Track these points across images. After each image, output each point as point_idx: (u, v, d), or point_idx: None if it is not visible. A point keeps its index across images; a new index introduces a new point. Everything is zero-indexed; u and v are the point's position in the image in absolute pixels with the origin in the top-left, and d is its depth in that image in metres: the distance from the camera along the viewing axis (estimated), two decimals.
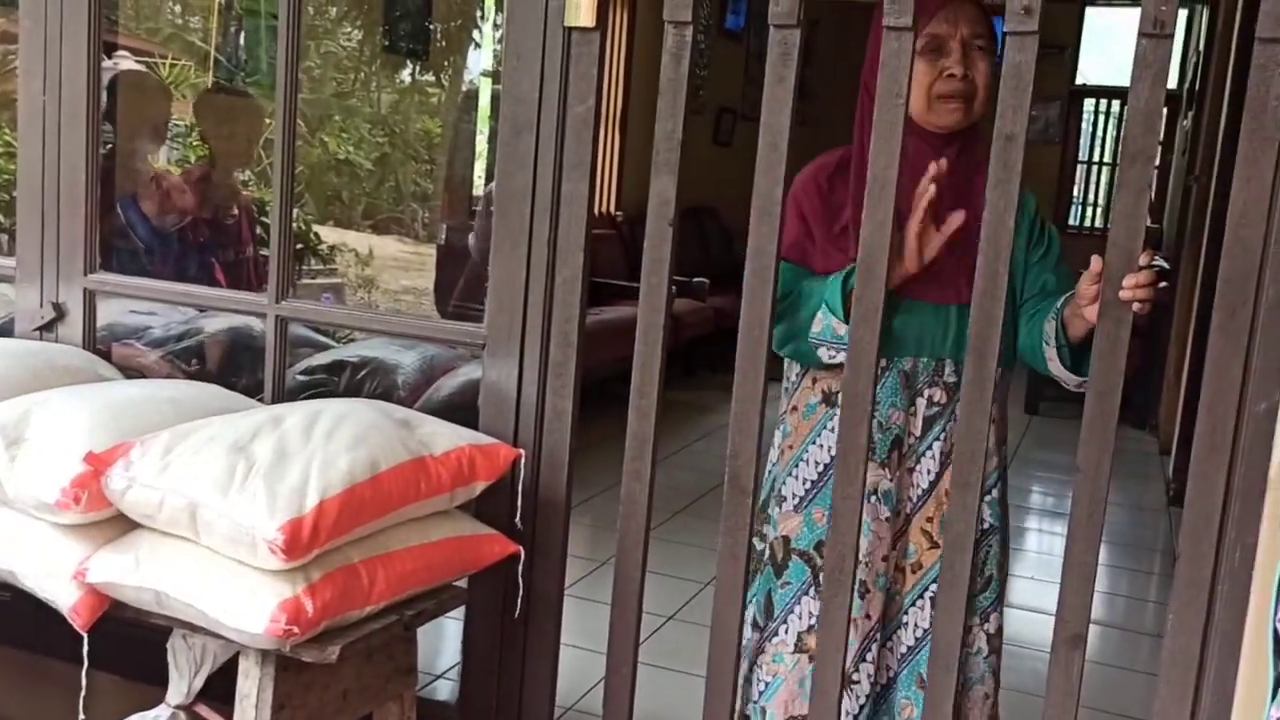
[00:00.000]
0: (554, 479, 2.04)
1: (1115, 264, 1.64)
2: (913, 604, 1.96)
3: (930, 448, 1.93)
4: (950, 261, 1.82)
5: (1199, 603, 1.67)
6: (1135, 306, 1.63)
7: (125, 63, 5.47)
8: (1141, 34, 1.59)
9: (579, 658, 2.61)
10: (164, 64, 5.44)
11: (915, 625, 1.96)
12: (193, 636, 1.80)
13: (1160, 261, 1.68)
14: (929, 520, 1.94)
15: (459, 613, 2.11)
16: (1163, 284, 1.67)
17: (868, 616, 1.92)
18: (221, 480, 1.65)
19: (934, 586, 1.88)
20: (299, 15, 2.13)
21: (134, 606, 1.75)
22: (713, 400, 6.35)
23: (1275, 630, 1.13)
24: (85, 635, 1.75)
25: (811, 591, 1.95)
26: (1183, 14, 8.43)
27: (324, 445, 1.72)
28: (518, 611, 2.03)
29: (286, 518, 1.60)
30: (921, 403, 1.91)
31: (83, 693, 1.79)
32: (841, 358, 1.84)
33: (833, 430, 1.90)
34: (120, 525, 1.79)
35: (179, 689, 1.84)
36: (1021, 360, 1.98)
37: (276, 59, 2.14)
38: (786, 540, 1.98)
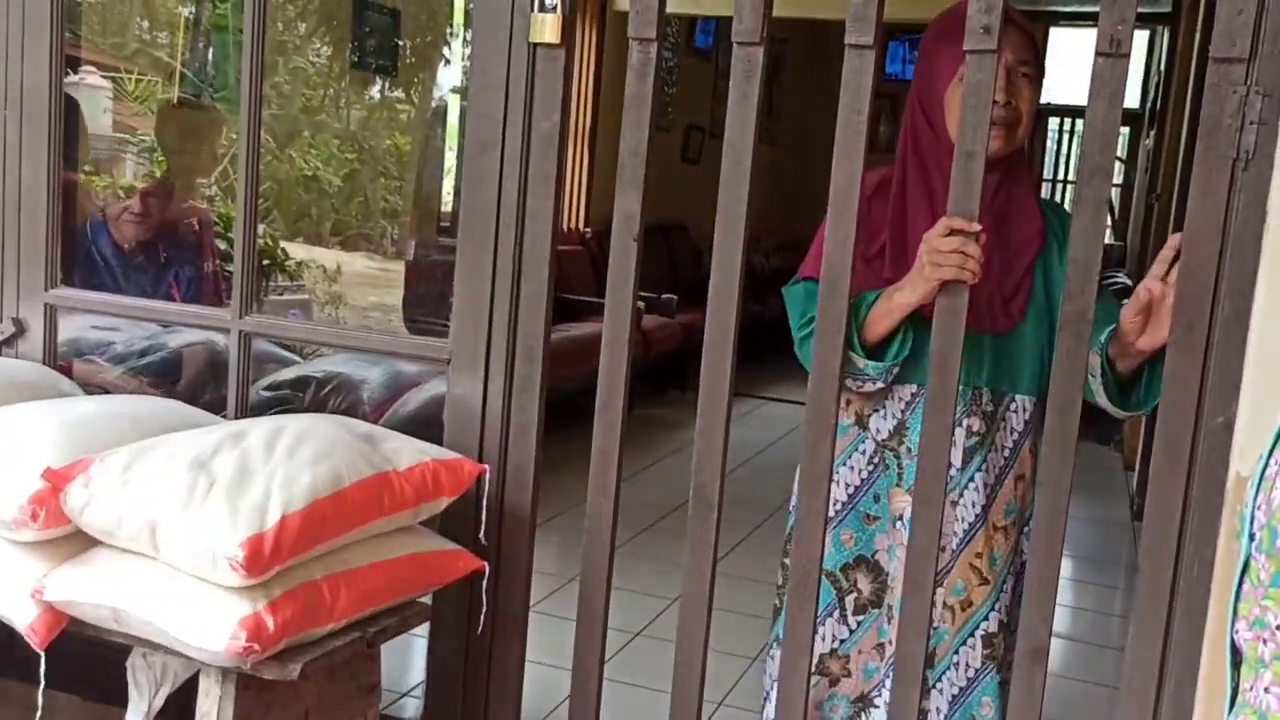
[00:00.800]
0: (519, 494, 2.03)
1: (1075, 281, 1.66)
2: (963, 643, 1.86)
3: (973, 479, 1.85)
4: (985, 288, 1.76)
5: (1159, 615, 1.68)
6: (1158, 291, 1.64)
7: (90, 78, 5.43)
8: (1098, 53, 1.62)
9: (545, 674, 2.60)
10: (130, 79, 5.42)
11: (966, 665, 1.86)
12: (153, 655, 1.78)
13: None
14: (978, 556, 1.84)
15: (424, 629, 2.09)
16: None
17: (891, 642, 1.85)
18: (182, 497, 1.64)
19: (986, 624, 1.84)
20: (263, 31, 2.12)
21: (93, 624, 1.73)
22: (682, 416, 6.35)
23: (1233, 642, 1.14)
24: (43, 654, 1.73)
25: (836, 614, 1.90)
26: (1144, 34, 8.55)
27: (286, 461, 1.71)
28: (481, 627, 2.02)
29: (247, 534, 1.59)
30: (960, 433, 1.82)
31: (39, 712, 1.77)
32: (870, 386, 1.82)
33: (863, 453, 1.89)
34: (79, 542, 1.76)
35: (139, 708, 1.82)
36: None
37: (241, 74, 2.13)
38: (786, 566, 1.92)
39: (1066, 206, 1.99)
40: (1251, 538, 1.11)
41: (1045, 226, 1.87)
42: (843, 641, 1.90)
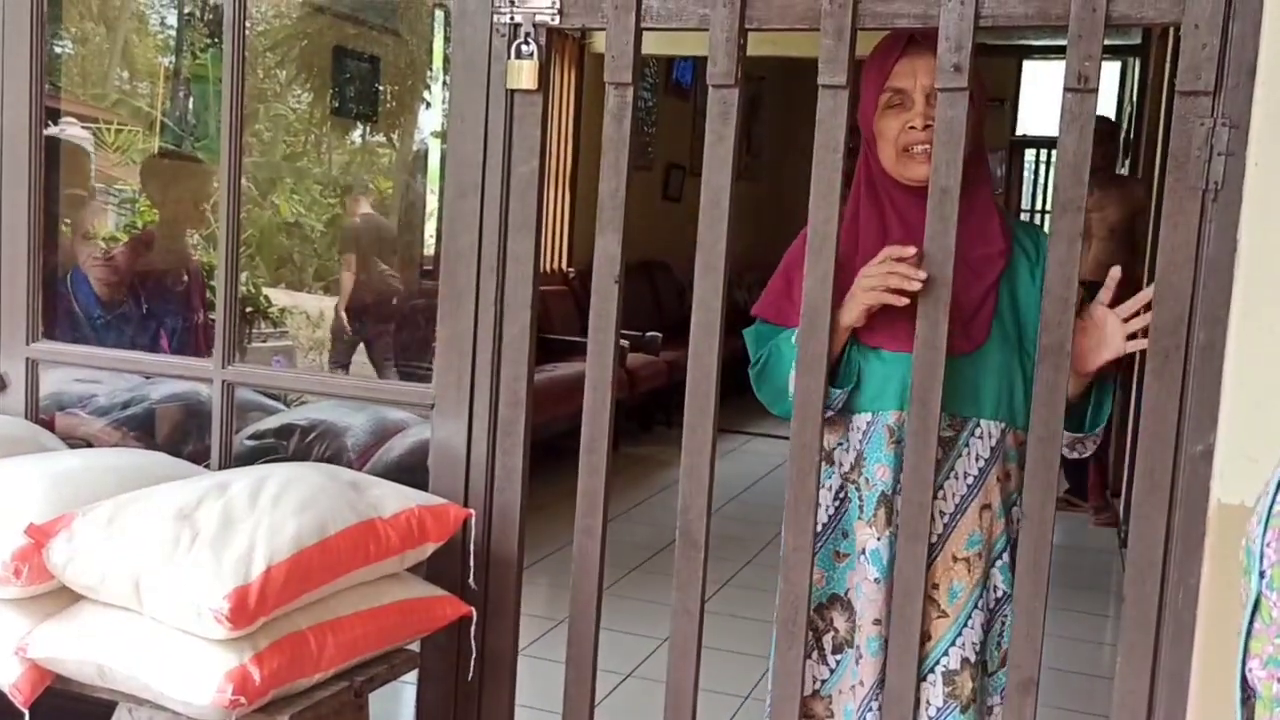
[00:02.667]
0: (506, 538, 2.03)
1: (1051, 312, 1.67)
2: (922, 679, 1.79)
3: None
4: None
5: (1146, 644, 1.69)
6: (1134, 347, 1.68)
7: (71, 129, 5.44)
8: (1067, 89, 1.65)
9: (536, 718, 2.58)
10: (109, 129, 5.43)
11: (927, 703, 1.79)
12: (139, 709, 1.76)
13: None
14: (934, 587, 1.79)
15: (412, 676, 2.08)
16: None
17: (861, 683, 1.81)
18: (165, 549, 1.63)
19: (946, 660, 1.79)
20: (242, 80, 2.14)
21: (78, 680, 1.72)
22: (669, 454, 6.35)
23: (1244, 679, 1.13)
24: (27, 712, 1.71)
25: (815, 655, 1.86)
26: (1115, 66, 8.66)
27: (270, 511, 1.70)
28: (471, 674, 2.00)
29: (232, 586, 1.58)
30: None
31: None
32: (827, 414, 1.82)
33: (830, 489, 1.85)
34: (63, 598, 1.75)
35: None
36: None
37: (222, 123, 2.14)
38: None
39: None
40: (1261, 575, 1.10)
41: (1012, 245, 1.83)
42: (824, 682, 1.86)
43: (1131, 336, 1.72)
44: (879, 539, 1.80)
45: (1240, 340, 1.57)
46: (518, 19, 1.90)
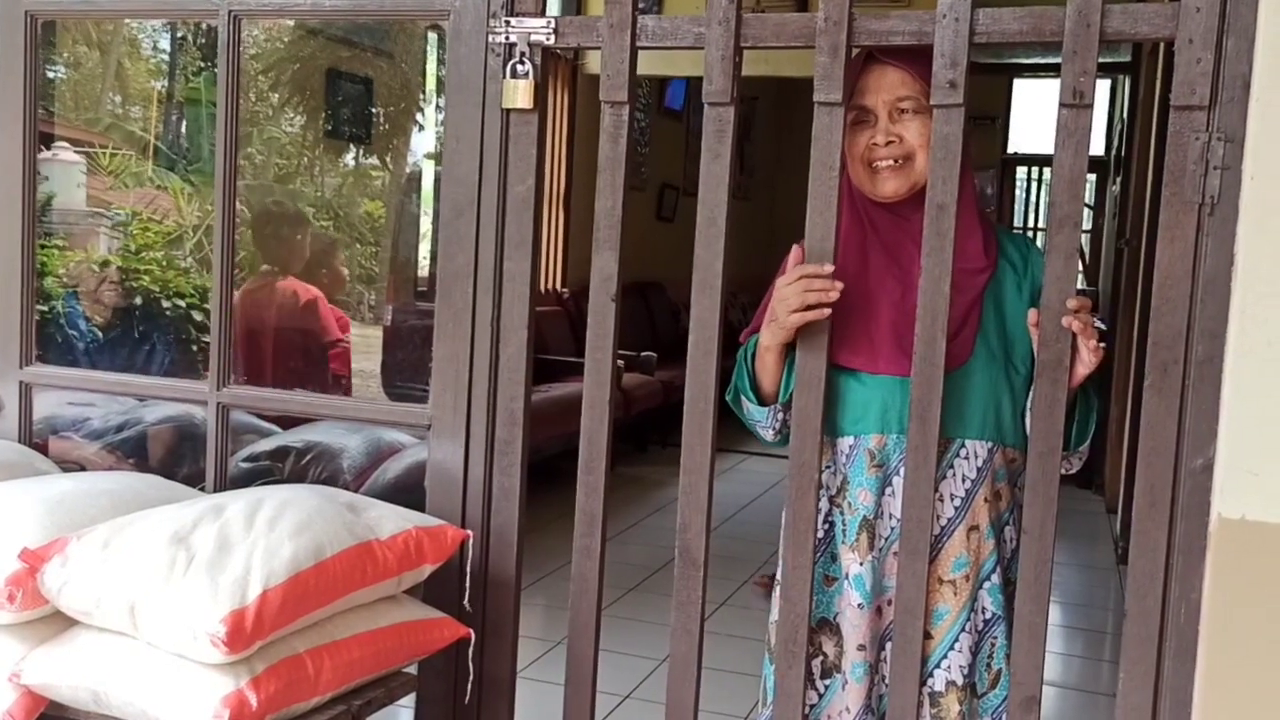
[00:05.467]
0: (503, 559, 2.01)
1: (1049, 328, 1.67)
2: None
3: None
4: (908, 330, 1.74)
5: (1148, 660, 1.68)
6: (1075, 328, 1.63)
7: (64, 153, 5.44)
8: (1062, 104, 1.65)
9: None
10: (103, 153, 5.43)
11: None
12: None
13: (1099, 323, 1.71)
14: None
15: (409, 700, 2.06)
16: (1101, 344, 1.70)
17: (847, 709, 1.80)
18: (161, 573, 1.62)
19: (931, 681, 1.77)
20: (236, 104, 2.14)
21: (73, 706, 1.70)
22: (665, 474, 6.33)
23: None
24: None
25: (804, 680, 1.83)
26: (1106, 83, 8.71)
27: (267, 533, 1.69)
28: (469, 697, 1.99)
29: (228, 609, 1.57)
30: (899, 482, 1.76)
31: None
32: (767, 435, 1.83)
33: (820, 511, 1.82)
34: (58, 623, 1.74)
35: None
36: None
37: (216, 146, 2.14)
38: (775, 625, 1.87)
39: None
40: None
41: (997, 259, 1.81)
42: (812, 707, 1.84)
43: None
44: (861, 564, 1.78)
45: (1239, 354, 1.56)
46: (513, 39, 1.90)
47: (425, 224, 6.13)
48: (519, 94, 1.91)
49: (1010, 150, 10.57)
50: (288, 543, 1.68)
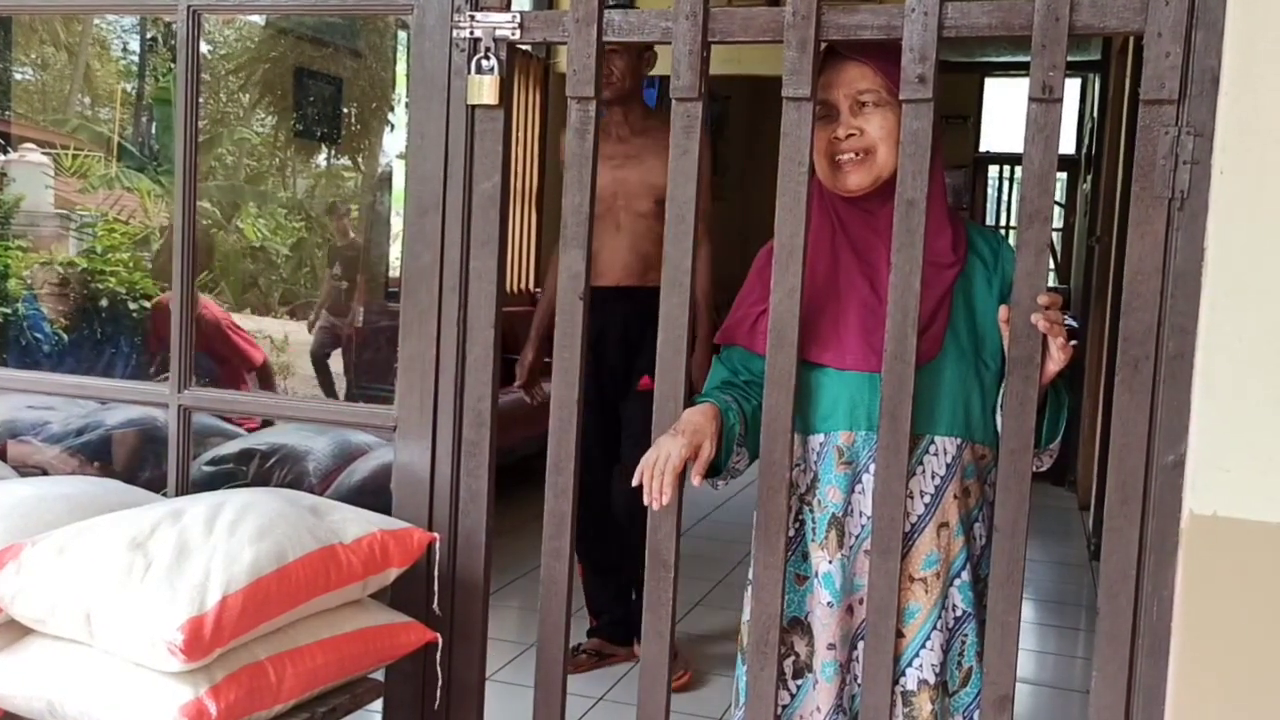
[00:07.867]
0: (471, 562, 1.99)
1: (1019, 324, 1.66)
2: None
3: None
4: (876, 326, 1.73)
5: (1121, 657, 1.67)
6: (1043, 326, 1.62)
7: (30, 155, 5.37)
8: (1032, 99, 1.64)
9: None
10: (66, 155, 5.37)
11: None
12: None
13: (1070, 320, 1.69)
14: None
15: (376, 705, 2.03)
16: (1072, 341, 1.69)
17: (818, 709, 1.78)
18: (118, 579, 1.58)
19: (904, 680, 1.75)
20: (196, 103, 2.10)
21: (27, 717, 1.66)
22: None
23: None
24: None
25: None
26: (1076, 82, 8.75)
27: (227, 538, 1.66)
28: (438, 702, 1.96)
29: (186, 616, 1.53)
30: (868, 479, 1.75)
31: None
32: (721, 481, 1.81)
33: (790, 509, 1.80)
34: (12, 631, 1.70)
35: None
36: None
37: (175, 145, 2.10)
38: (747, 624, 1.85)
39: None
40: None
41: (966, 255, 1.79)
42: (785, 708, 1.82)
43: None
44: (831, 562, 1.77)
45: (1209, 349, 1.55)
46: (477, 34, 1.87)
47: (397, 224, 6.09)
48: (484, 90, 1.88)
49: (982, 149, 10.62)
50: (248, 547, 1.65)
